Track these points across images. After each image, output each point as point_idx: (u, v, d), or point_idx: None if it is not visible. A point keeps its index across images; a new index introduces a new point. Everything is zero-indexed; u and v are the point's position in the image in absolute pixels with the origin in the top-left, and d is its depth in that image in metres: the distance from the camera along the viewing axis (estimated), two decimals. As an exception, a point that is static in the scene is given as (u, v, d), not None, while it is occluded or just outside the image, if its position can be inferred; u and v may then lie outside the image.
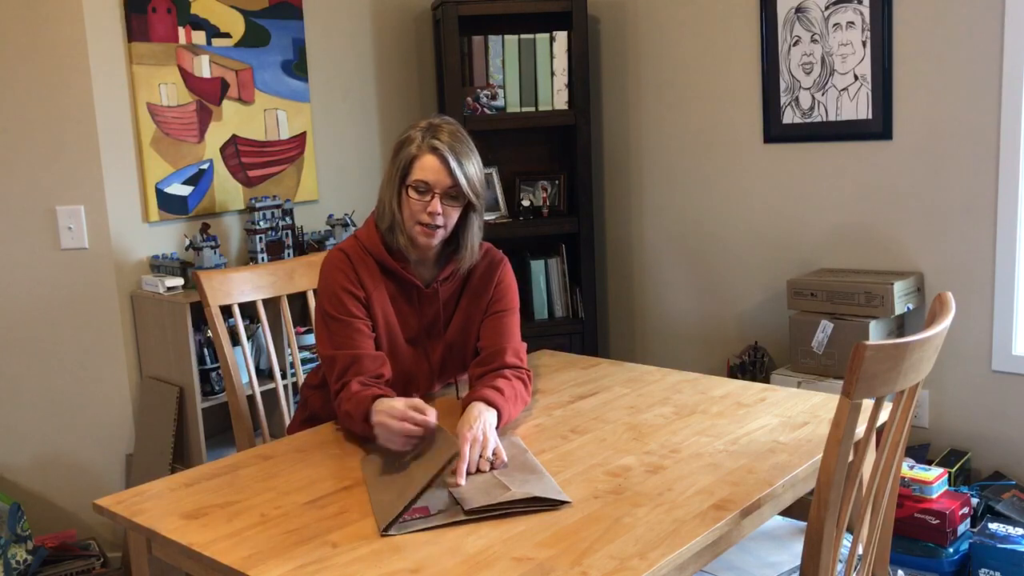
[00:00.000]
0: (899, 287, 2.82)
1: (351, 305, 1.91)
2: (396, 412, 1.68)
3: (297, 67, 3.31)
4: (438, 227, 1.89)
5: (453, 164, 1.85)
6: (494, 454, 1.66)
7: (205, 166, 3.08)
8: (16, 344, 2.87)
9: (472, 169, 1.89)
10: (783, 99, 3.23)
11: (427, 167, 1.86)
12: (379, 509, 1.49)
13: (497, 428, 1.76)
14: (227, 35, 3.11)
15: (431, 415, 1.66)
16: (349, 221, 3.21)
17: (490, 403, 1.80)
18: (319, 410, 2.08)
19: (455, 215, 1.91)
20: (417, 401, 1.71)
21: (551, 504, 1.49)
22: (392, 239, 1.94)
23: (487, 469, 1.63)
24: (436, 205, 1.86)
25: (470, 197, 1.90)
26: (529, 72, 3.51)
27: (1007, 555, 2.40)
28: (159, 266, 2.93)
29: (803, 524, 1.86)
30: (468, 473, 1.60)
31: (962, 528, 2.53)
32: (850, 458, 1.36)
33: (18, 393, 2.89)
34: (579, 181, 3.53)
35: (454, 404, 2.03)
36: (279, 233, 3.08)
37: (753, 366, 3.31)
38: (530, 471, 1.62)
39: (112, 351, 2.92)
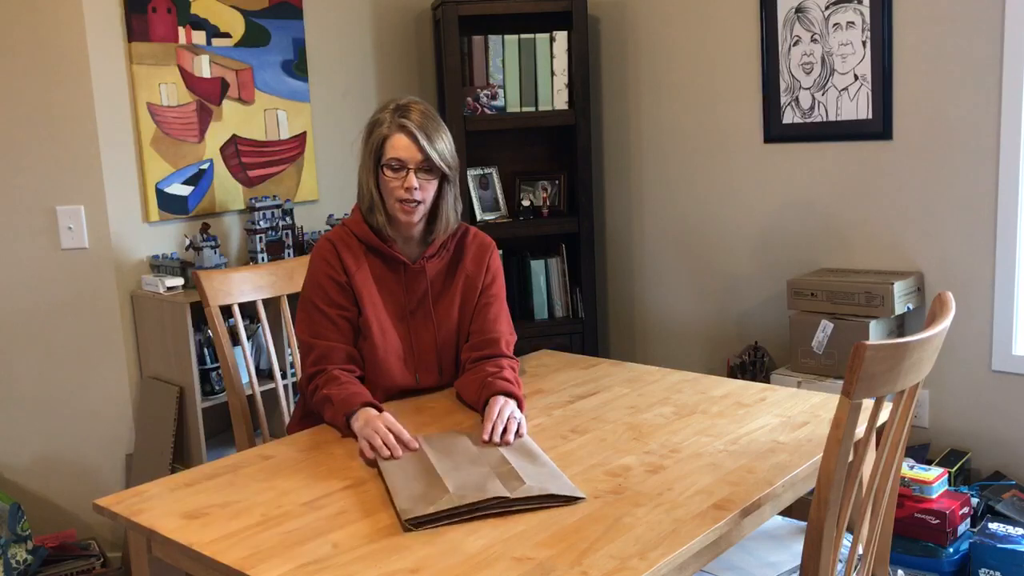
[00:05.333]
0: (899, 287, 2.82)
1: (332, 292, 2.00)
2: (380, 432, 1.74)
3: (297, 67, 3.31)
4: (417, 202, 1.96)
5: (423, 140, 1.93)
6: (517, 433, 1.77)
7: (205, 166, 3.08)
8: (16, 344, 2.87)
9: (442, 143, 1.97)
10: (783, 99, 3.23)
11: (398, 146, 1.94)
12: (405, 498, 1.49)
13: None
14: (227, 35, 3.11)
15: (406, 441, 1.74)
16: (349, 221, 3.21)
17: (510, 395, 1.89)
18: None
19: (431, 188, 1.99)
20: (397, 428, 1.77)
21: (565, 500, 1.50)
22: (373, 220, 2.02)
23: (511, 441, 1.73)
24: (412, 180, 1.94)
25: (443, 169, 1.98)
26: (529, 72, 3.51)
27: (1007, 555, 2.40)
28: (159, 266, 2.93)
29: (803, 524, 1.86)
30: (492, 438, 1.74)
31: (962, 528, 2.53)
32: (850, 458, 1.36)
33: (18, 393, 2.89)
34: (579, 181, 3.53)
35: (454, 405, 2.03)
36: (279, 233, 3.08)
37: (753, 366, 3.31)
38: (541, 464, 1.62)
39: (112, 351, 2.92)
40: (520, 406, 1.89)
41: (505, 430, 1.75)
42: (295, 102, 3.31)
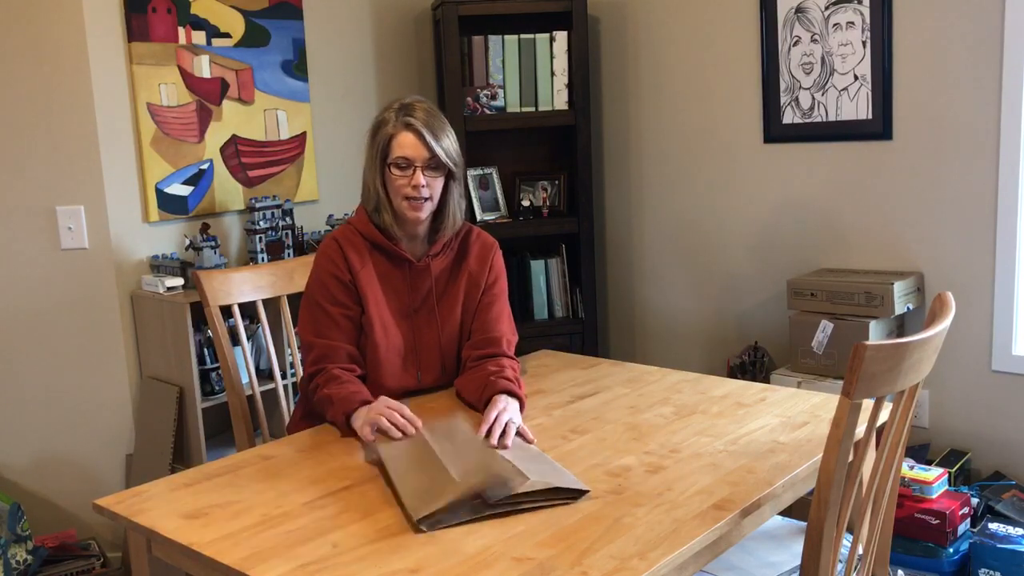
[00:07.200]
0: (899, 287, 2.82)
1: (335, 291, 2.00)
2: (384, 412, 1.79)
3: (297, 67, 3.31)
4: (425, 199, 1.97)
5: (429, 138, 1.95)
6: (519, 433, 1.77)
7: (205, 166, 3.08)
8: (16, 344, 2.87)
9: (447, 140, 1.99)
10: (783, 99, 3.23)
11: (405, 144, 1.95)
12: (411, 495, 1.49)
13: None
14: (227, 35, 3.11)
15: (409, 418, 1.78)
16: (349, 221, 3.22)
17: (512, 394, 1.90)
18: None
19: (438, 185, 2.00)
20: (396, 405, 1.82)
21: (570, 495, 1.50)
22: (379, 219, 2.03)
23: (508, 445, 1.70)
24: (419, 178, 1.95)
25: (449, 166, 2.00)
26: (529, 72, 3.51)
27: (1007, 555, 2.40)
28: (159, 266, 2.93)
29: (803, 524, 1.86)
30: (489, 435, 1.73)
31: (962, 528, 2.53)
32: (850, 458, 1.36)
33: (18, 393, 2.89)
34: (579, 181, 3.53)
35: (454, 404, 2.03)
36: (279, 233, 3.08)
37: (753, 366, 3.31)
38: (543, 462, 1.62)
39: (112, 351, 2.92)
40: (522, 406, 1.90)
41: (504, 433, 1.73)
42: (295, 102, 3.31)
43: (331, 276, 2.00)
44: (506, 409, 1.81)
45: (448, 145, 1.98)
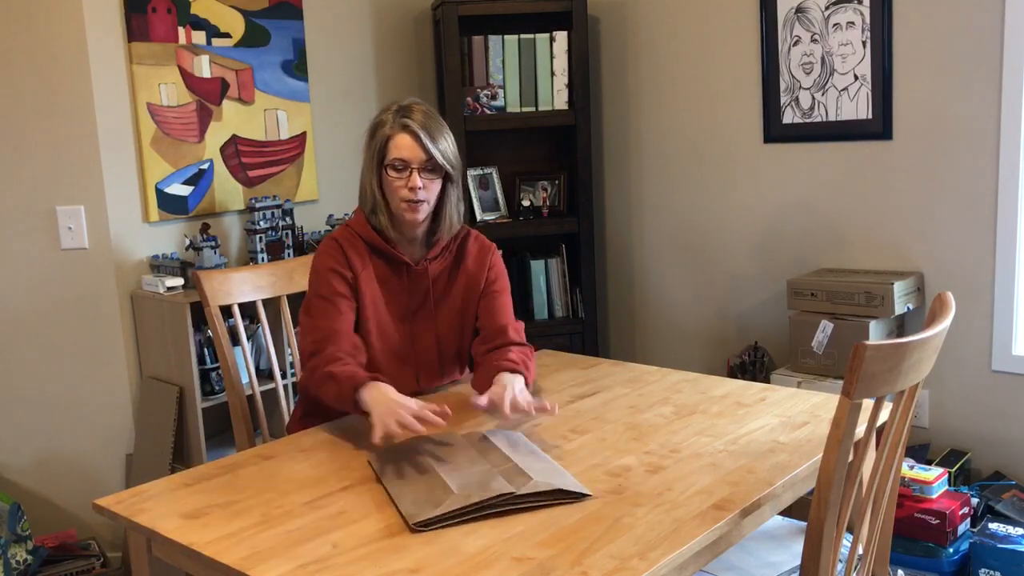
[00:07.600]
0: (899, 287, 2.82)
1: (337, 284, 1.98)
2: (410, 409, 1.70)
3: (297, 67, 3.31)
4: (421, 201, 1.96)
5: (426, 139, 1.94)
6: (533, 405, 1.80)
7: (205, 166, 3.08)
8: (17, 344, 2.87)
9: (445, 143, 1.97)
10: (783, 99, 3.23)
11: (402, 145, 1.94)
12: (409, 502, 1.49)
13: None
14: (227, 35, 3.11)
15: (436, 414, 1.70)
16: (349, 221, 3.21)
17: (513, 371, 1.92)
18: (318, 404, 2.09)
19: (435, 188, 1.99)
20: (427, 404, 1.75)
21: (571, 497, 1.50)
22: (376, 221, 2.02)
23: (531, 412, 1.78)
24: (416, 180, 1.94)
25: (446, 168, 1.98)
26: (529, 72, 3.51)
27: (1007, 555, 2.40)
28: (159, 266, 2.93)
29: (803, 524, 1.86)
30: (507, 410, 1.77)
31: (962, 528, 2.53)
32: (850, 458, 1.36)
33: (18, 393, 2.89)
34: (579, 181, 3.53)
35: (454, 405, 2.03)
36: (279, 233, 3.08)
37: (753, 366, 3.31)
38: (544, 461, 1.63)
39: (112, 351, 2.92)
40: (527, 382, 1.92)
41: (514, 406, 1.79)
42: (295, 102, 3.31)
43: (332, 271, 1.98)
44: (513, 381, 1.85)
45: (445, 147, 1.97)
